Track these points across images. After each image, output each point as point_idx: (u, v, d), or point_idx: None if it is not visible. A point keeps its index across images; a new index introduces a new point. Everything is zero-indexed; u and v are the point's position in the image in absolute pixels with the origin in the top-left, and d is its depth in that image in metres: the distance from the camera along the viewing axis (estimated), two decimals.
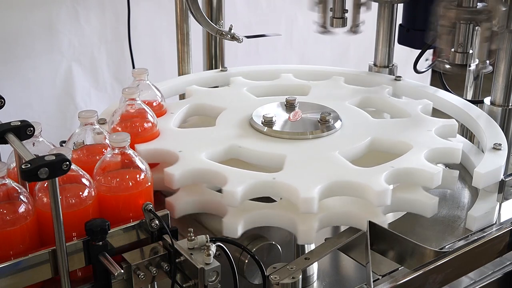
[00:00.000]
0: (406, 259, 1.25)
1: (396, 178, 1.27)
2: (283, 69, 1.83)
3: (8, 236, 1.02)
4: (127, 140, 1.13)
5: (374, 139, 1.40)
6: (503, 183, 1.37)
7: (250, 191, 1.22)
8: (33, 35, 2.31)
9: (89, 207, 1.09)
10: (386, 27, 1.84)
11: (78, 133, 1.22)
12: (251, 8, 2.84)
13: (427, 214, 1.31)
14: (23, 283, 1.02)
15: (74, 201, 1.07)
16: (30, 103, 2.37)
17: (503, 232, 1.35)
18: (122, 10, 2.41)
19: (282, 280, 1.10)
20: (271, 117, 1.42)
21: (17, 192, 1.05)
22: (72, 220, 1.05)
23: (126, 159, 1.14)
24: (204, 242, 1.05)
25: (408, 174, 1.29)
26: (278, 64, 1.94)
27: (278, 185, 1.22)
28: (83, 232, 1.04)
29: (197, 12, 1.67)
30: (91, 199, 1.09)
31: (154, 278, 1.08)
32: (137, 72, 1.48)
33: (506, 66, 1.59)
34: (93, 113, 1.21)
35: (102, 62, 2.52)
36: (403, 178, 1.29)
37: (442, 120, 1.49)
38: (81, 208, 1.08)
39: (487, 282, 1.42)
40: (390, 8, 1.82)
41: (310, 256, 1.18)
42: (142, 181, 1.14)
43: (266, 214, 1.25)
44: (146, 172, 1.15)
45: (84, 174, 1.10)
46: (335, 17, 1.82)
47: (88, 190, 1.09)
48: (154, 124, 1.40)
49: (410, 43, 1.94)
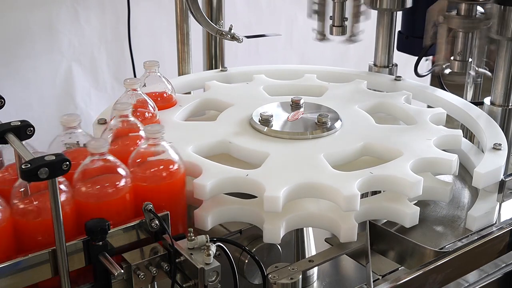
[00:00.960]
0: (406, 259, 1.25)
1: (373, 184, 1.24)
2: (307, 69, 1.82)
3: None
4: (162, 131, 1.16)
5: (366, 144, 1.37)
6: (503, 183, 1.37)
7: (220, 186, 1.22)
8: (33, 35, 2.31)
9: (125, 196, 1.11)
10: (385, 34, 1.84)
11: None
12: (251, 8, 2.83)
13: (405, 223, 1.27)
14: (23, 283, 1.02)
15: (111, 191, 1.09)
16: (30, 103, 2.37)
17: (503, 232, 1.35)
18: (122, 10, 2.41)
19: (279, 280, 1.09)
20: (268, 115, 1.42)
21: None
22: (109, 210, 1.07)
23: (158, 150, 1.17)
24: (204, 242, 1.05)
25: (385, 182, 1.25)
26: (303, 65, 1.92)
27: (249, 182, 1.22)
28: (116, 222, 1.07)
29: (197, 12, 1.67)
30: (127, 190, 1.11)
31: (154, 278, 1.08)
32: (148, 64, 1.49)
33: (506, 66, 1.59)
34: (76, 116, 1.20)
35: (102, 62, 2.52)
36: (380, 185, 1.26)
37: (446, 129, 1.45)
38: (118, 197, 1.09)
39: (487, 282, 1.42)
40: (390, 16, 1.82)
41: (314, 259, 1.18)
42: (175, 171, 1.17)
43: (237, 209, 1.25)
44: (179, 162, 1.18)
45: (120, 164, 1.11)
46: (334, 25, 1.83)
47: (125, 180, 1.11)
48: (154, 115, 1.40)
49: (410, 50, 1.95)
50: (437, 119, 1.52)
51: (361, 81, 1.71)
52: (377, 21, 1.85)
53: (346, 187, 1.18)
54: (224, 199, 1.25)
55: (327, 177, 1.23)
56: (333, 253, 1.21)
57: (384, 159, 1.32)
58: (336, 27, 1.83)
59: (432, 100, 1.68)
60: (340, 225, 1.19)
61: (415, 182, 1.22)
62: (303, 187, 1.21)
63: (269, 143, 1.36)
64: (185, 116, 1.55)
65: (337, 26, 1.82)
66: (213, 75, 1.82)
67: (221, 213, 1.22)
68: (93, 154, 1.10)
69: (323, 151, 1.32)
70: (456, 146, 1.45)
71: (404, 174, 1.24)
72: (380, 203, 1.27)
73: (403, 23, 1.96)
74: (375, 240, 1.24)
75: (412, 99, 1.65)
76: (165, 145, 1.18)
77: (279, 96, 1.61)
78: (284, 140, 1.38)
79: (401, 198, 1.27)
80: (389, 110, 1.60)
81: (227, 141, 1.37)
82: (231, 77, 1.80)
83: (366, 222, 1.24)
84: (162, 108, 1.49)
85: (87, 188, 1.09)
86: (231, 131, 1.41)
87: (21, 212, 1.04)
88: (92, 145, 1.10)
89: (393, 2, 1.77)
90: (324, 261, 1.19)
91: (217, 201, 1.23)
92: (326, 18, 1.84)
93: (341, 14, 1.81)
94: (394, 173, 1.24)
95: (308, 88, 1.69)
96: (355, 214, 1.21)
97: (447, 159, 1.32)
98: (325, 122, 1.41)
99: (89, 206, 1.09)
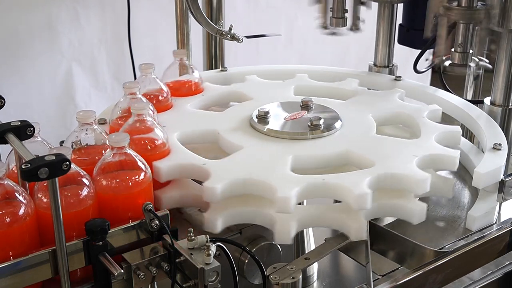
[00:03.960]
0: (406, 259, 1.25)
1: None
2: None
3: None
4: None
5: (345, 151, 1.32)
6: (503, 183, 1.37)
7: (173, 170, 1.25)
8: (33, 35, 2.31)
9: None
10: (386, 27, 1.84)
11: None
12: (251, 8, 2.84)
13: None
14: (23, 283, 1.02)
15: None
16: (30, 103, 2.37)
17: (503, 232, 1.35)
18: (122, 10, 2.41)
19: (282, 280, 1.09)
20: (266, 111, 1.42)
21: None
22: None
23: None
24: (204, 242, 1.05)
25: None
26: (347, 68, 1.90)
27: (196, 168, 1.25)
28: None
29: (197, 12, 1.67)
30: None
31: (154, 278, 1.08)
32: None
33: (506, 66, 1.59)
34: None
35: (102, 62, 2.52)
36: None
37: (445, 149, 1.34)
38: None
39: (487, 282, 1.42)
40: (390, 8, 1.82)
41: (310, 256, 1.18)
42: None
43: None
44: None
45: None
46: (335, 17, 1.83)
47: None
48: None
49: (410, 43, 1.94)
50: (450, 139, 1.43)
51: (398, 90, 1.65)
52: (378, 13, 1.85)
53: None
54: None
55: (262, 175, 1.21)
56: (328, 248, 1.20)
57: (355, 167, 1.29)
58: (336, 18, 1.83)
59: (432, 100, 1.68)
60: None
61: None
62: (241, 183, 1.20)
63: (252, 140, 1.36)
64: (202, 103, 1.58)
65: (338, 17, 1.82)
66: (213, 75, 1.82)
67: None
68: (113, 148, 1.12)
69: (294, 153, 1.30)
70: (448, 168, 1.38)
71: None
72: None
73: (404, 16, 1.95)
74: (375, 240, 1.24)
75: (412, 99, 1.65)
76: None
77: (303, 96, 1.56)
78: (270, 138, 1.37)
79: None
80: (405, 122, 1.53)
81: (216, 131, 1.40)
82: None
83: None
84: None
85: (107, 182, 1.12)
86: (227, 123, 1.43)
87: (45, 206, 1.06)
88: (113, 139, 1.12)
89: None
90: (320, 257, 1.19)
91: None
92: (328, 10, 1.84)
93: (341, 6, 1.81)
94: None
95: (336, 92, 1.66)
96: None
97: (418, 178, 1.23)
98: (317, 125, 1.38)
99: (108, 199, 1.11)
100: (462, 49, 1.62)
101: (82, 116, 1.20)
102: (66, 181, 1.06)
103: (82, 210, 1.08)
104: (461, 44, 1.62)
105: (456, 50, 1.63)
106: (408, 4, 1.87)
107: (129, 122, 1.28)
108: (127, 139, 1.13)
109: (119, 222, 1.10)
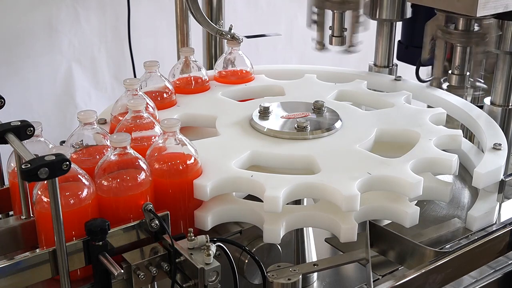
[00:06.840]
0: (406, 259, 1.25)
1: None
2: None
3: None
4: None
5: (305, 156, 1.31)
6: (503, 183, 1.37)
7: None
8: (33, 35, 2.31)
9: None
10: (385, 44, 1.85)
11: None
12: (251, 8, 2.84)
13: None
14: (23, 283, 1.02)
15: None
16: (30, 103, 2.37)
17: (503, 232, 1.35)
18: (122, 10, 2.41)
19: (277, 280, 1.09)
20: (267, 107, 1.43)
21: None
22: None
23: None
24: (204, 242, 1.05)
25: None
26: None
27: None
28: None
29: (197, 12, 1.67)
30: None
31: (154, 278, 1.08)
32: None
33: (506, 66, 1.59)
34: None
35: (102, 62, 2.52)
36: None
37: (443, 157, 1.31)
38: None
39: (487, 282, 1.42)
40: (389, 26, 1.82)
41: (320, 263, 1.18)
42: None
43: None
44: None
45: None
46: (334, 35, 1.83)
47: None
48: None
49: (409, 60, 1.95)
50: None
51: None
52: (377, 31, 1.86)
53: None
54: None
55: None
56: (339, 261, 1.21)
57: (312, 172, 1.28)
58: (335, 37, 1.84)
59: (432, 101, 1.68)
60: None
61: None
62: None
63: (240, 135, 1.39)
64: (232, 93, 1.64)
65: (337, 36, 1.83)
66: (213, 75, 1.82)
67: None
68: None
69: (257, 149, 1.31)
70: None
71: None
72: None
73: (403, 33, 1.96)
74: (375, 240, 1.24)
75: (412, 99, 1.65)
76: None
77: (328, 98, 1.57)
78: (260, 135, 1.38)
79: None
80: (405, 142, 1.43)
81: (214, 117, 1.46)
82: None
83: (365, 222, 1.24)
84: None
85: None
86: (227, 116, 1.47)
87: (106, 189, 1.11)
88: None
89: (393, 13, 1.78)
90: (329, 267, 1.19)
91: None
92: (326, 28, 1.86)
93: (340, 24, 1.82)
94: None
95: (355, 95, 1.65)
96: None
97: (404, 180, 1.22)
98: (304, 127, 1.36)
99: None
100: (459, 72, 1.63)
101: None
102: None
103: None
104: (458, 66, 1.63)
105: (453, 72, 1.64)
106: (407, 21, 1.87)
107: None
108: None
109: (119, 222, 1.10)
